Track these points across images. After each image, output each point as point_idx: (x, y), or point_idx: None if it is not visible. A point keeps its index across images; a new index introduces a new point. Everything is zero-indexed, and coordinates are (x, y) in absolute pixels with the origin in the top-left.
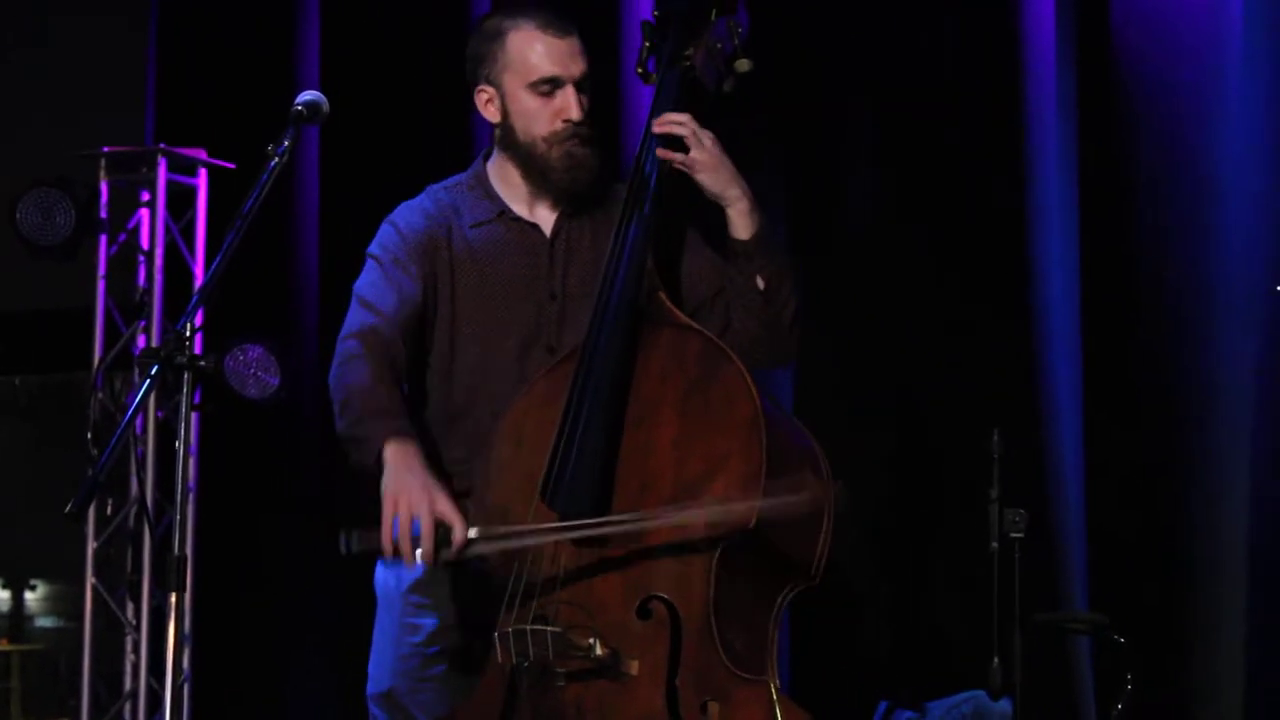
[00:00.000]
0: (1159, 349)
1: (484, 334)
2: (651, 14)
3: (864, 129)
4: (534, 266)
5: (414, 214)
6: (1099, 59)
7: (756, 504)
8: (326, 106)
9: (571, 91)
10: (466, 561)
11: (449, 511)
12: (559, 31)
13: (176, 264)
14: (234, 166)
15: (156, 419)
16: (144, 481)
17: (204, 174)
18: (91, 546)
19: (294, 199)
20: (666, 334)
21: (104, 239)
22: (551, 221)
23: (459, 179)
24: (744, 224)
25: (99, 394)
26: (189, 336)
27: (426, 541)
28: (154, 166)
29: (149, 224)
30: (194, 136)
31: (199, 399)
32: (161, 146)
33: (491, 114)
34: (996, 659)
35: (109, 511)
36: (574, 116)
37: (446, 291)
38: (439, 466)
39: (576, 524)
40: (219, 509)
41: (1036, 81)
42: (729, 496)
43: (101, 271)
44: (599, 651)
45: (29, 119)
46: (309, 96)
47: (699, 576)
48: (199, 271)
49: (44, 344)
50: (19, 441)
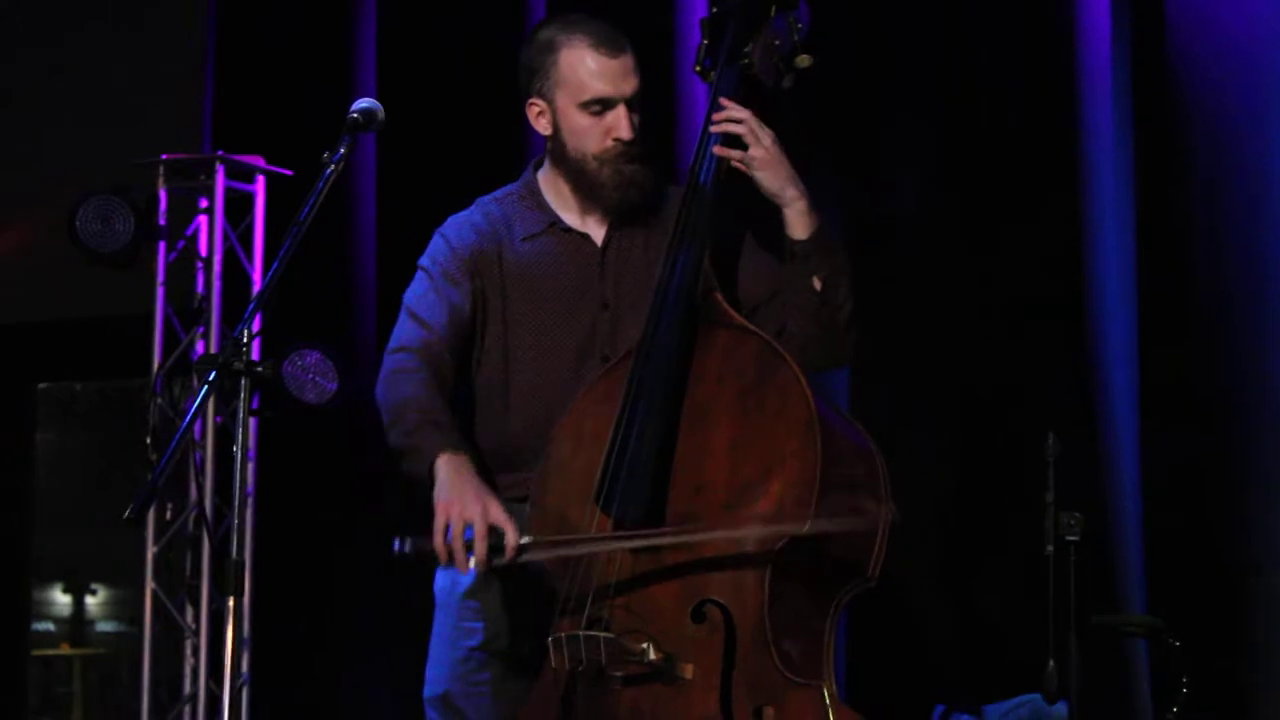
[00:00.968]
0: (1215, 352)
1: (538, 346)
2: (709, 10)
3: (919, 129)
4: (586, 277)
5: (464, 228)
6: (1154, 61)
7: (805, 525)
8: (382, 114)
9: (623, 110)
10: (521, 566)
11: (502, 518)
12: (611, 50)
13: (234, 270)
14: (291, 173)
15: (215, 424)
16: (202, 487)
17: (262, 181)
18: (151, 551)
19: (352, 205)
20: (723, 335)
21: (163, 246)
22: (603, 231)
23: (510, 189)
24: (801, 224)
25: (158, 400)
26: (246, 343)
27: (480, 546)
28: (212, 174)
29: (207, 231)
30: (252, 144)
31: (257, 404)
32: (219, 154)
33: (543, 127)
34: (1052, 662)
35: (168, 516)
36: (624, 136)
37: (498, 305)
38: (491, 478)
39: (629, 534)
40: (278, 513)
41: (1091, 86)
42: (784, 499)
43: (160, 278)
44: (653, 656)
45: (88, 127)
46: (364, 104)
47: (754, 581)
48: (257, 277)
49: (103, 351)
50: (79, 447)
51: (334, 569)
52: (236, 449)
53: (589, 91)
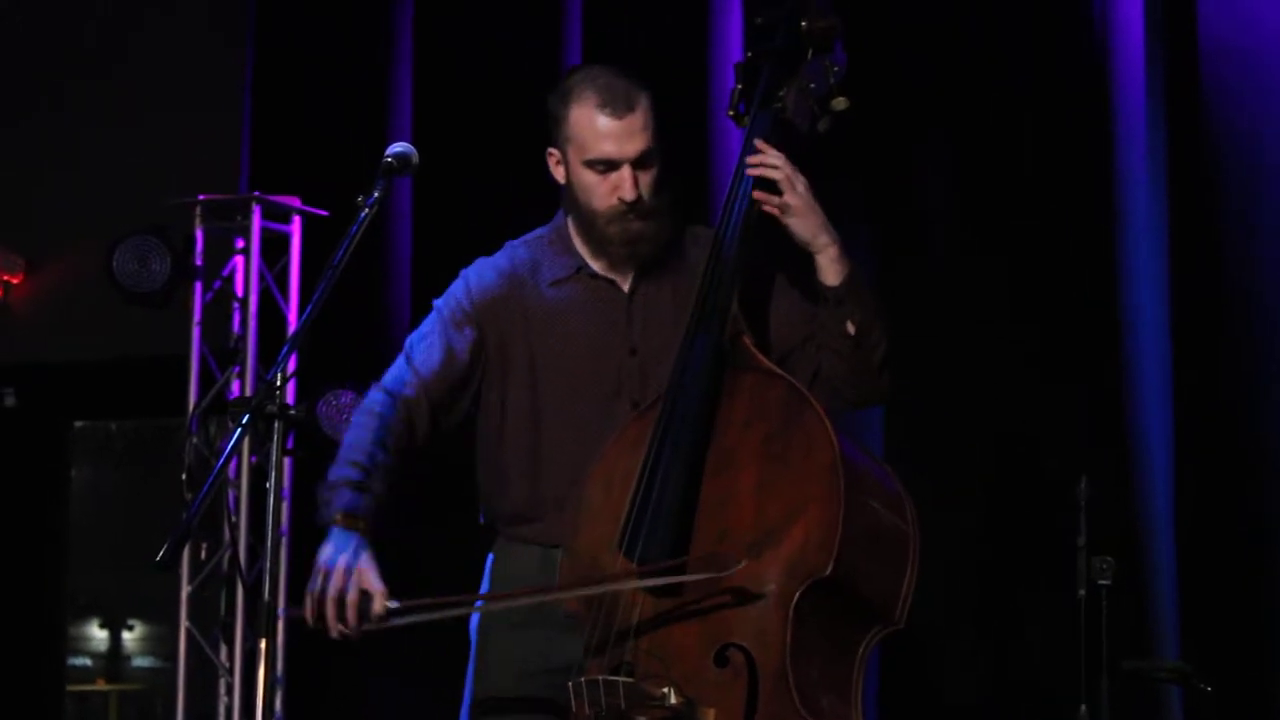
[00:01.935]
0: (1251, 394)
1: (566, 392)
2: (744, 55)
3: (947, 165)
4: (613, 323)
5: (487, 272)
6: (1188, 82)
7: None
8: (416, 158)
9: (627, 171)
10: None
11: (371, 582)
12: (616, 111)
13: (270, 311)
14: (328, 214)
15: (250, 464)
16: (236, 527)
17: (298, 221)
18: (186, 590)
19: (387, 247)
20: (750, 379)
21: (199, 286)
22: (630, 278)
23: (541, 233)
24: (834, 270)
25: (194, 439)
26: (279, 385)
27: (350, 611)
28: (249, 214)
29: (243, 271)
30: (288, 185)
31: (292, 444)
32: (256, 194)
33: (559, 175)
34: (1084, 707)
35: (203, 556)
36: (628, 197)
37: (523, 349)
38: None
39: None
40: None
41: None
42: (807, 543)
43: (197, 318)
44: (674, 700)
45: (126, 168)
46: (399, 148)
47: (777, 624)
48: (292, 318)
49: (139, 390)
50: (116, 486)
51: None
52: (269, 487)
53: (592, 151)
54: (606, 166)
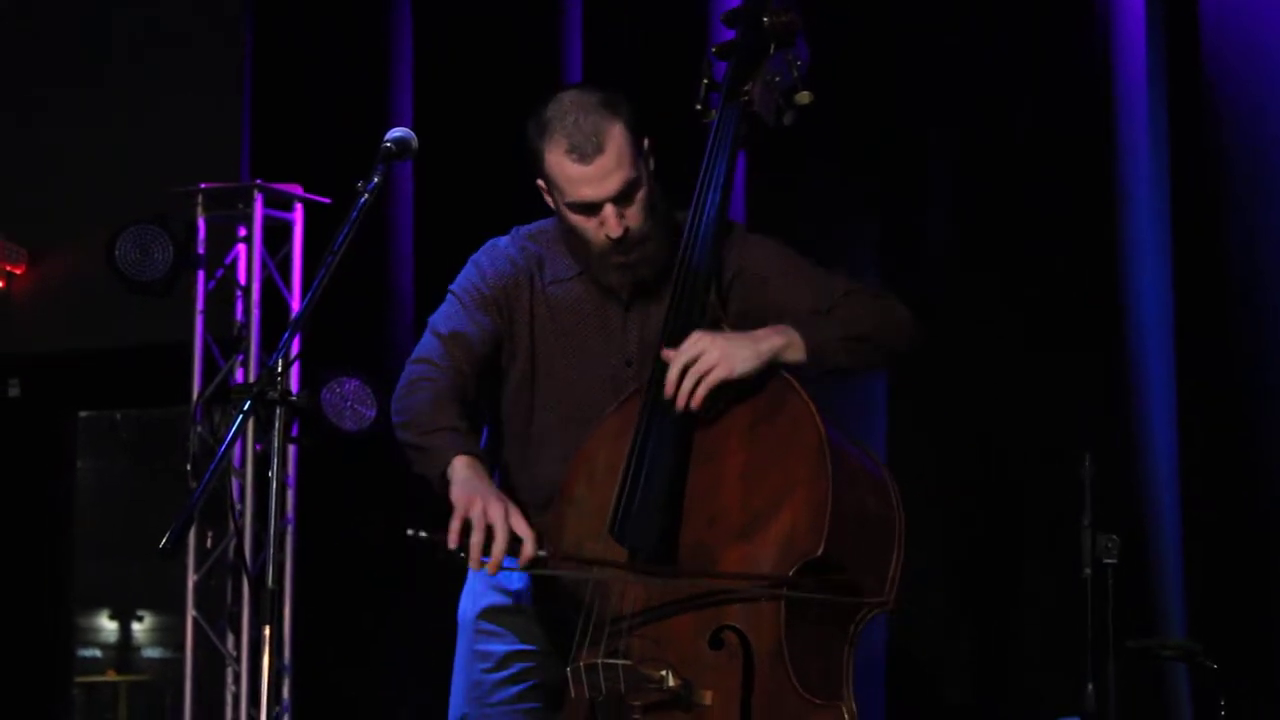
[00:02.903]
0: (1254, 372)
1: (561, 392)
2: (710, 52)
3: (949, 146)
4: (609, 330)
5: (500, 260)
6: (1191, 82)
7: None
8: (415, 143)
9: (610, 210)
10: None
11: (523, 527)
12: (585, 156)
13: (273, 298)
14: (329, 201)
15: (255, 452)
16: (241, 515)
17: (300, 209)
18: (192, 579)
19: (389, 233)
20: None
21: (201, 274)
22: (620, 282)
23: (547, 227)
24: (794, 356)
25: (198, 428)
26: (282, 370)
27: (498, 547)
28: (250, 202)
29: (246, 259)
30: (290, 172)
31: (296, 432)
32: (258, 183)
33: (551, 204)
34: (1091, 685)
35: (209, 544)
36: (614, 235)
37: (525, 340)
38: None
39: (648, 569)
40: (319, 540)
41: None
42: (796, 525)
43: (199, 307)
44: (671, 683)
45: (127, 157)
46: (398, 133)
47: (770, 605)
48: (295, 305)
49: (143, 379)
50: (121, 475)
51: (375, 595)
52: (272, 475)
53: (571, 196)
54: (588, 209)
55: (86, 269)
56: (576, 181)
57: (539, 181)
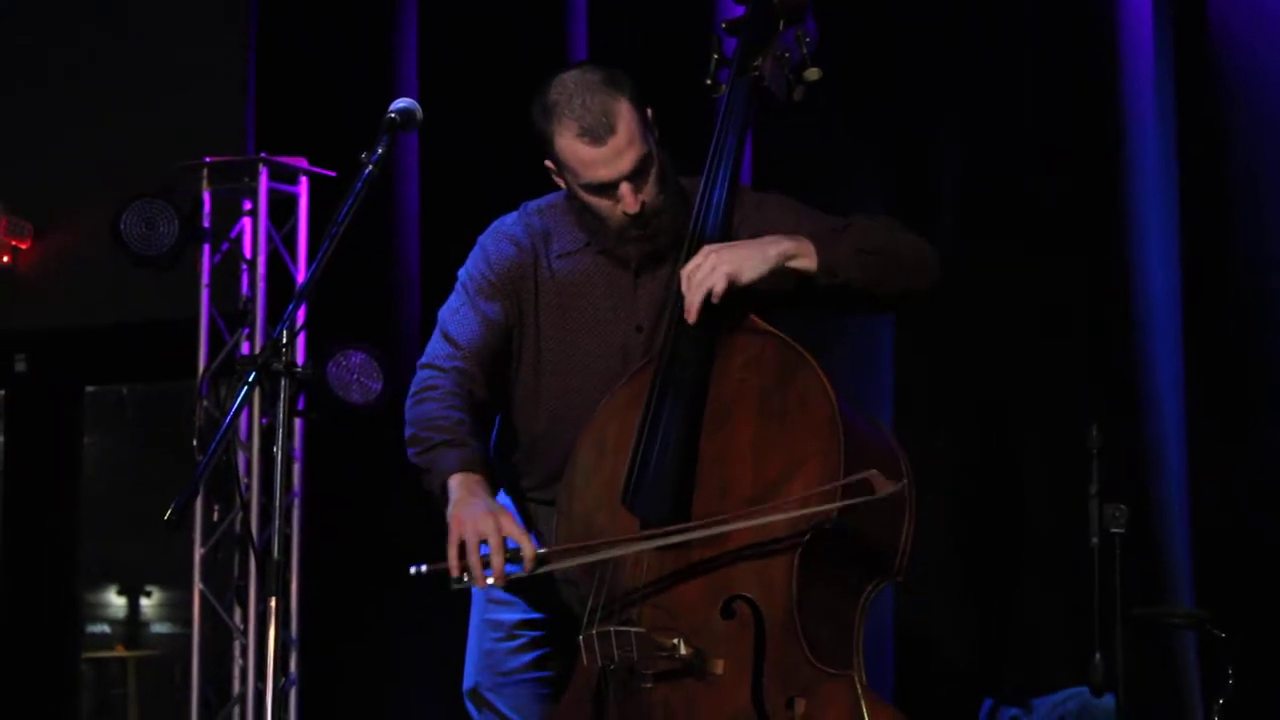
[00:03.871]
0: (1261, 340)
1: (570, 364)
2: (720, 27)
3: (956, 121)
4: (619, 298)
5: (504, 242)
6: (1198, 55)
7: (835, 506)
8: (420, 113)
9: (626, 188)
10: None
11: (516, 531)
12: (598, 138)
13: (279, 272)
14: (335, 174)
15: (261, 425)
16: (248, 488)
17: (305, 182)
18: (199, 553)
19: (395, 205)
20: (742, 337)
21: (207, 248)
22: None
23: (554, 200)
24: (806, 264)
25: (204, 402)
26: (287, 343)
27: (496, 559)
28: (255, 176)
29: (251, 233)
30: (295, 145)
31: (303, 405)
32: (263, 156)
33: (561, 185)
34: (1098, 655)
35: (215, 518)
36: (631, 211)
37: (531, 321)
38: (519, 491)
39: (651, 533)
40: (326, 513)
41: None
42: (808, 497)
43: (205, 280)
44: (683, 651)
45: (132, 131)
46: (402, 104)
47: (781, 575)
48: (301, 278)
49: (149, 353)
50: (128, 450)
51: (382, 568)
52: (277, 449)
53: (585, 178)
54: (603, 189)
55: (92, 243)
56: (591, 164)
57: (548, 163)
